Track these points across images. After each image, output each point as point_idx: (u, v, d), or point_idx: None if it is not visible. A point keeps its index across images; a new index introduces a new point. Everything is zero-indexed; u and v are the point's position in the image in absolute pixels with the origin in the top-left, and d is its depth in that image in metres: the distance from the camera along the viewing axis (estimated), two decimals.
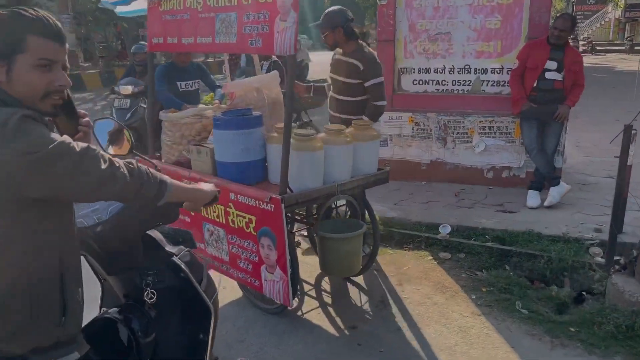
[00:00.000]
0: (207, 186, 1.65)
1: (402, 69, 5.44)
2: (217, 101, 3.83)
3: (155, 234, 1.75)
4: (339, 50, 3.58)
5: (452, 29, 5.15)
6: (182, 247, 1.79)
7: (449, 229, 4.18)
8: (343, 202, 3.47)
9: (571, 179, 5.13)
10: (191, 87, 4.26)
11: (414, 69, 5.38)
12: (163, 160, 3.55)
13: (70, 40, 13.00)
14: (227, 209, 3.03)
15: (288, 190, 2.83)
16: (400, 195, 4.98)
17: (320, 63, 10.43)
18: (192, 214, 3.32)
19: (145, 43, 5.76)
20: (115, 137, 1.78)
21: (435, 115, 5.21)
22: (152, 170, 1.40)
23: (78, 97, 11.47)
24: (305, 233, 4.04)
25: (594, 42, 31.20)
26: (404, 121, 5.34)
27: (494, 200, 4.78)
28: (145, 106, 5.64)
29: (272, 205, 2.73)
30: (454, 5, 5.10)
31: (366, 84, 3.43)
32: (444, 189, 5.12)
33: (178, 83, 4.08)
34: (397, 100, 5.45)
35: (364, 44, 3.54)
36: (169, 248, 1.75)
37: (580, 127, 7.65)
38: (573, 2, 35.20)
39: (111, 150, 1.78)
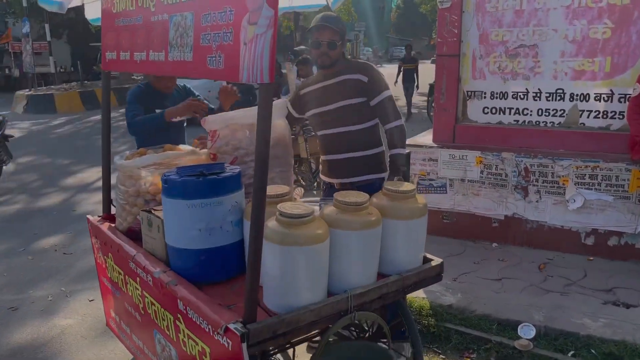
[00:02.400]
0: None
1: (469, 93, 4.17)
2: (198, 138, 2.72)
3: None
4: (314, 78, 2.72)
5: (540, 40, 3.84)
6: None
7: (533, 332, 2.82)
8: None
9: None
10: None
11: (485, 93, 4.14)
12: (114, 225, 2.51)
13: None
14: (177, 323, 1.91)
15: (264, 311, 1.67)
16: (463, 265, 3.67)
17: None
18: (142, 311, 2.24)
19: None
20: None
21: (513, 156, 3.89)
22: None
23: None
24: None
25: None
26: (469, 161, 4.04)
27: (598, 282, 3.37)
28: None
29: (229, 342, 1.58)
30: (544, 8, 3.79)
31: (372, 102, 2.55)
32: (523, 257, 3.77)
33: (157, 111, 3.04)
34: (461, 134, 4.19)
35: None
36: None
37: None
38: None
39: None
